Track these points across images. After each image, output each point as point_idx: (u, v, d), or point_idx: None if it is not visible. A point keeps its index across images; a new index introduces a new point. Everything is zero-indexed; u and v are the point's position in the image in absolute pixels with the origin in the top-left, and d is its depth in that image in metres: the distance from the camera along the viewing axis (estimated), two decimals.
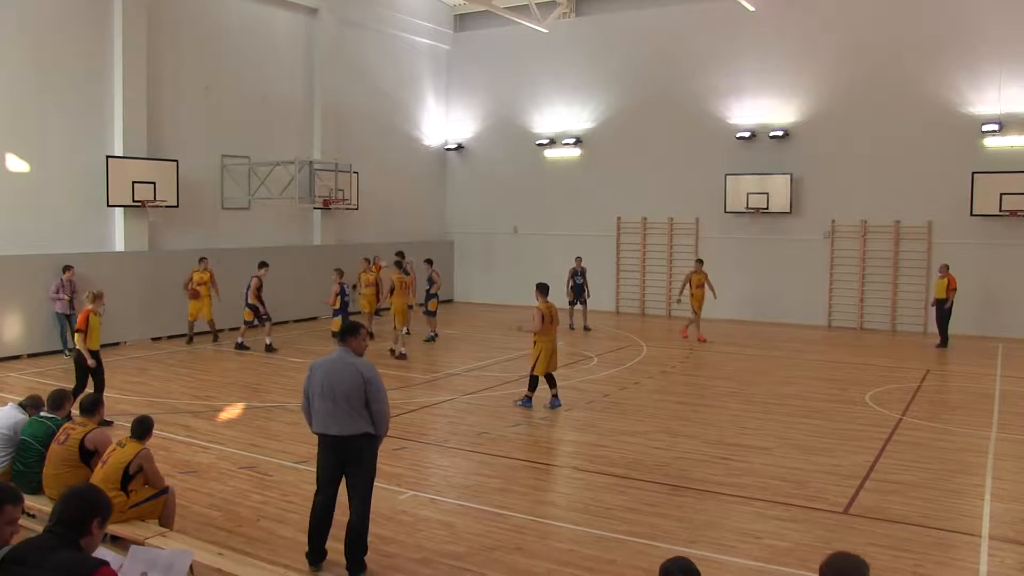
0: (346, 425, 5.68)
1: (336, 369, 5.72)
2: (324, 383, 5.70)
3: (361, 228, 21.81)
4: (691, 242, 21.26)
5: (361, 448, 5.75)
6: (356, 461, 5.76)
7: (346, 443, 5.71)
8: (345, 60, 21.13)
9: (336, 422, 5.69)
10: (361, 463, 5.78)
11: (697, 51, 20.77)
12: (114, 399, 10.70)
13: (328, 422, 5.72)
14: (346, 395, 5.64)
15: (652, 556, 6.00)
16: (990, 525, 6.82)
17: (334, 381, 5.68)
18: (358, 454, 5.75)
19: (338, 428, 5.69)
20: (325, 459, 5.84)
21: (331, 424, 5.71)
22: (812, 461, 8.66)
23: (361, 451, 5.75)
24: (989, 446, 9.28)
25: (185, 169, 16.80)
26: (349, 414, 5.66)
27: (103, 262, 15.56)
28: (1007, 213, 17.34)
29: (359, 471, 5.78)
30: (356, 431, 5.69)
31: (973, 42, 17.79)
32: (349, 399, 5.64)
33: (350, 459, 5.76)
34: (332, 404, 5.67)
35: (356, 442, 5.71)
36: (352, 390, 5.64)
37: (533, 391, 11.00)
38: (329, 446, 5.79)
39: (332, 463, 5.82)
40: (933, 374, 13.70)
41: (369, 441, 5.79)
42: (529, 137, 23.31)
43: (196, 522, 6.70)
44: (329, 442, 5.78)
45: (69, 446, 6.07)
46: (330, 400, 5.67)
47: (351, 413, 5.66)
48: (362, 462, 5.78)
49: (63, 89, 15.17)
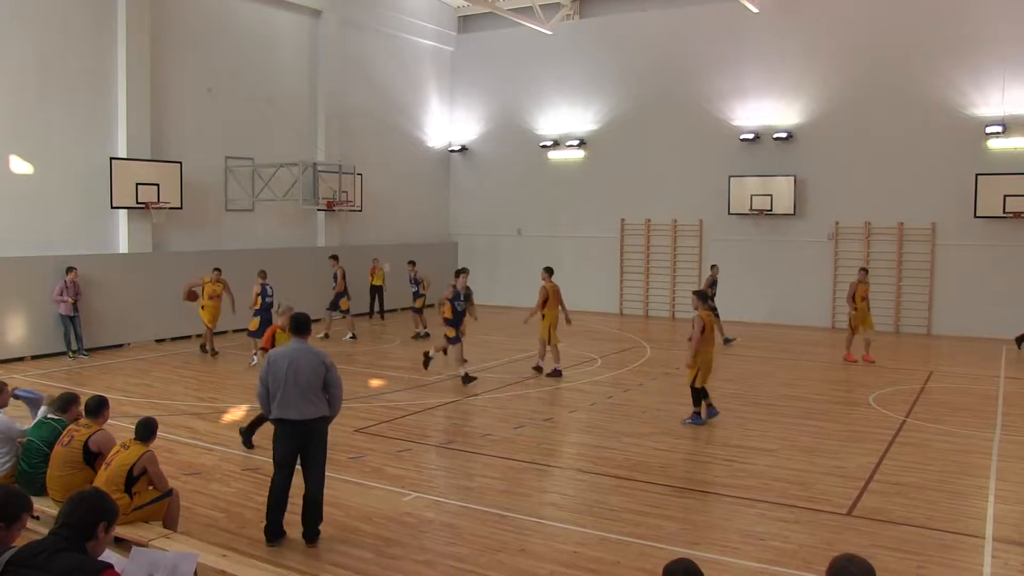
0: (307, 410, 6.19)
1: (300, 358, 6.21)
2: (289, 371, 6.14)
3: (365, 230, 21.84)
4: (695, 244, 21.26)
5: (319, 431, 6.32)
6: (313, 442, 6.30)
7: (305, 426, 6.22)
8: (349, 62, 21.17)
9: (298, 407, 6.17)
10: (318, 443, 6.33)
11: (701, 53, 20.77)
12: (117, 401, 10.72)
13: (290, 407, 6.18)
14: (308, 381, 6.15)
15: (656, 558, 5.99)
16: (994, 527, 6.80)
17: (299, 368, 6.15)
18: (316, 436, 6.30)
19: (298, 413, 6.18)
20: (285, 443, 6.31)
21: (292, 409, 6.18)
22: (816, 463, 8.64)
23: (319, 434, 6.32)
24: (993, 448, 9.26)
25: (189, 171, 16.84)
26: (311, 399, 6.18)
27: (107, 264, 15.60)
28: (1010, 215, 17.31)
29: (316, 451, 6.33)
30: (315, 415, 6.23)
31: (977, 43, 17.76)
32: (311, 385, 6.16)
33: (308, 441, 6.28)
34: (296, 390, 6.15)
35: (314, 425, 6.25)
36: (314, 377, 6.17)
37: (699, 405, 10.31)
38: (288, 431, 6.26)
39: (292, 447, 6.30)
40: (936, 376, 13.67)
41: (325, 423, 6.37)
42: (533, 139, 23.32)
43: (200, 524, 6.71)
44: (288, 427, 6.25)
45: (73, 448, 6.08)
46: (294, 386, 6.15)
47: (313, 399, 6.19)
48: (319, 443, 6.34)
49: (67, 91, 15.21)
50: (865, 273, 15.23)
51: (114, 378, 12.97)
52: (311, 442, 6.28)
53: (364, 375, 13.41)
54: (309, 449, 6.30)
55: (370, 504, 7.29)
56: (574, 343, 16.74)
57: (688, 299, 17.33)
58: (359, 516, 6.98)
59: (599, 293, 21.89)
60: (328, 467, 8.22)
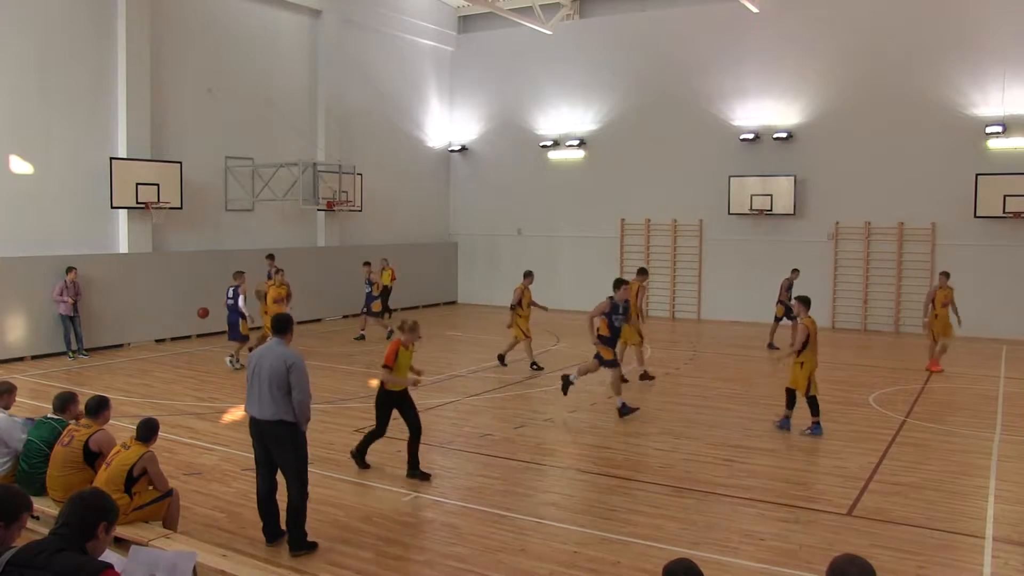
0: (264, 408, 6.11)
1: (266, 356, 6.20)
2: (256, 368, 6.18)
3: (365, 230, 21.84)
4: (695, 244, 21.26)
5: (278, 435, 6.14)
6: (276, 445, 6.19)
7: (263, 426, 6.17)
8: (349, 62, 21.17)
9: (256, 404, 6.16)
10: (281, 448, 6.17)
11: (701, 53, 20.76)
12: (117, 401, 10.70)
13: (251, 403, 6.22)
14: (268, 380, 6.07)
15: (656, 558, 5.99)
16: (994, 527, 6.81)
17: (263, 366, 6.14)
18: (276, 439, 6.16)
19: (257, 410, 6.16)
20: (255, 442, 6.33)
21: (253, 405, 6.20)
22: (816, 463, 8.64)
23: (279, 437, 6.15)
24: (993, 448, 9.26)
25: (189, 171, 16.84)
26: (270, 399, 6.07)
27: (107, 264, 15.60)
28: (1011, 215, 17.31)
29: (281, 455, 6.20)
30: (272, 416, 6.10)
31: (977, 44, 17.76)
32: (271, 384, 6.06)
33: (270, 443, 6.21)
34: (257, 387, 6.14)
35: (273, 427, 6.13)
36: (274, 376, 6.06)
37: (817, 414, 9.82)
38: (253, 429, 6.28)
39: (258, 445, 6.30)
40: (937, 376, 13.66)
41: (287, 428, 6.14)
42: (533, 139, 23.32)
43: (200, 524, 6.71)
44: (252, 424, 6.28)
45: (73, 448, 6.08)
46: (256, 383, 6.15)
47: (271, 398, 6.07)
48: (282, 447, 6.17)
49: (66, 91, 15.21)
50: (946, 277, 14.07)
51: (114, 378, 12.97)
52: (275, 445, 6.17)
53: (363, 375, 13.41)
54: (275, 453, 6.20)
55: (370, 504, 7.29)
56: (574, 343, 16.74)
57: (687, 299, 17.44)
58: (359, 516, 6.98)
59: (599, 293, 21.82)
60: (327, 467, 8.28)
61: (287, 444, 6.15)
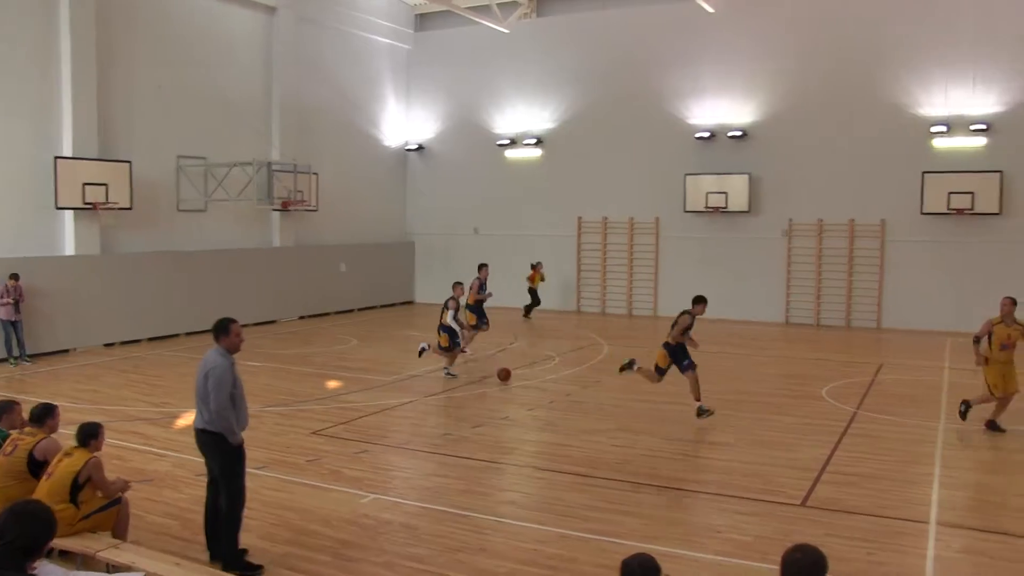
0: (197, 416, 6.04)
1: (202, 362, 6.06)
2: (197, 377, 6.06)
3: (320, 229, 21.57)
4: (651, 241, 21.47)
5: (205, 443, 6.02)
6: (206, 455, 6.09)
7: (196, 434, 6.08)
8: (304, 59, 20.88)
9: (198, 413, 6.04)
10: (210, 457, 6.06)
11: (657, 52, 20.97)
12: (63, 407, 10.38)
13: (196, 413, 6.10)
14: (198, 388, 5.99)
15: (614, 553, 6.02)
16: (938, 511, 7.04)
17: (198, 372, 6.02)
18: (205, 448, 6.05)
19: (196, 420, 6.06)
20: None
21: (196, 415, 6.05)
22: (771, 455, 8.80)
23: (206, 446, 6.03)
24: (938, 436, 9.55)
25: (139, 170, 16.41)
26: (202, 406, 5.97)
27: (52, 266, 15.12)
28: (954, 211, 17.87)
29: (214, 465, 6.06)
30: (199, 424, 6.01)
31: (921, 46, 18.28)
32: (200, 393, 5.97)
33: (203, 452, 6.11)
34: (197, 396, 6.02)
35: (200, 436, 6.03)
36: (199, 384, 5.96)
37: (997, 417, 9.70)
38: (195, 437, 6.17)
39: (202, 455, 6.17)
40: (886, 368, 14.03)
41: (211, 437, 5.95)
42: (490, 137, 23.30)
43: (152, 532, 6.54)
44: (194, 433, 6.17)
45: (17, 457, 5.86)
46: (196, 393, 6.03)
47: (202, 405, 5.96)
48: (211, 456, 6.05)
49: (8, 88, 14.69)
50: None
51: (60, 384, 12.58)
52: (206, 455, 6.08)
53: (320, 377, 13.24)
54: (208, 463, 6.09)
55: (327, 507, 7.20)
56: (532, 342, 16.79)
57: (644, 296, 17.57)
58: (316, 519, 6.89)
59: (556, 291, 21.98)
60: (284, 470, 8.15)
61: (215, 453, 6.00)
